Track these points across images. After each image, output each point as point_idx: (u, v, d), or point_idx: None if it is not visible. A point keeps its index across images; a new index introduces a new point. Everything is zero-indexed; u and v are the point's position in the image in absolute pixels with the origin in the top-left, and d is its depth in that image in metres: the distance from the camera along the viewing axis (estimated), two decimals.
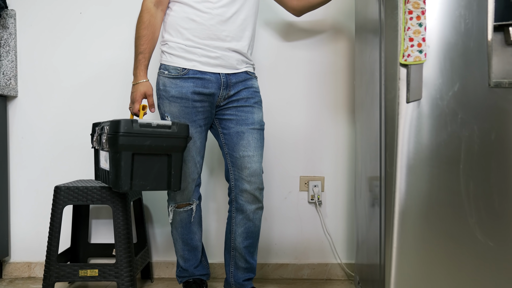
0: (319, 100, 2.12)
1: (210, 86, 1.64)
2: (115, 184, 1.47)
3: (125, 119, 1.43)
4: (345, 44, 2.12)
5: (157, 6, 1.64)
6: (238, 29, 1.67)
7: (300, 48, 2.13)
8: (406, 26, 1.25)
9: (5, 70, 2.10)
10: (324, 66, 2.13)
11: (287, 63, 2.13)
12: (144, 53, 1.63)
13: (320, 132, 2.12)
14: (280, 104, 2.13)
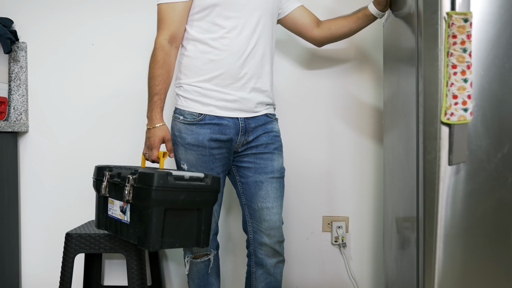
0: (343, 134, 2.00)
1: (227, 132, 1.53)
2: (142, 242, 1.36)
3: (159, 171, 1.31)
4: (371, 75, 1.99)
5: (171, 43, 1.53)
6: (258, 65, 1.56)
7: (323, 78, 2.01)
8: (449, 82, 1.13)
9: (16, 104, 2.02)
10: (349, 99, 2.00)
11: (309, 95, 2.01)
12: (160, 94, 1.51)
13: (344, 169, 2.00)
14: (302, 138, 2.01)
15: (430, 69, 1.18)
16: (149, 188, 1.28)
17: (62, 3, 2.02)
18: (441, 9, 1.16)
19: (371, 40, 1.97)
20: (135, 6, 2.02)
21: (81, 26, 2.03)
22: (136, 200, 1.34)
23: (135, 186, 1.33)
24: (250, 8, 1.53)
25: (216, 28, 1.51)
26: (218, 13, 1.50)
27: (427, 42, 1.18)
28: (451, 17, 1.12)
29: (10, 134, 1.95)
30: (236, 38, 1.51)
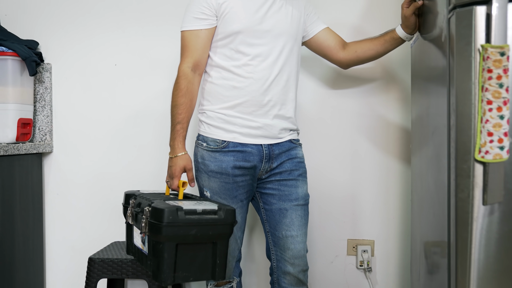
0: (368, 155, 1.95)
1: (251, 159, 1.50)
2: (156, 276, 1.35)
3: (169, 206, 1.30)
4: (398, 95, 1.93)
5: (194, 70, 1.52)
6: (282, 92, 1.53)
7: (348, 98, 1.96)
8: (484, 118, 1.07)
9: (40, 125, 2.05)
10: (374, 119, 1.95)
11: (333, 115, 1.97)
12: (182, 123, 1.50)
13: (370, 191, 1.95)
14: (326, 158, 1.97)
15: (463, 102, 1.12)
16: (159, 224, 1.28)
17: (86, 25, 2.03)
18: (475, 41, 1.10)
19: (398, 60, 1.91)
20: (158, 28, 2.01)
21: (105, 47, 2.03)
22: (150, 234, 1.33)
23: (149, 220, 1.32)
24: (274, 34, 1.50)
25: (240, 55, 1.49)
26: (241, 40, 1.48)
27: (460, 75, 1.12)
28: (486, 50, 1.06)
29: (35, 155, 1.97)
30: (259, 65, 1.49)
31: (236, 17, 1.48)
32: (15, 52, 1.87)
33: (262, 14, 1.50)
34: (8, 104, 1.88)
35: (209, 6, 1.48)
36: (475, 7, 1.10)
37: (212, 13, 1.49)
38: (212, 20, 1.50)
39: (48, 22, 2.05)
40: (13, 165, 1.82)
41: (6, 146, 1.74)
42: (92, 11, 2.03)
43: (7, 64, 1.88)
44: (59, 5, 2.04)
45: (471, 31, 1.10)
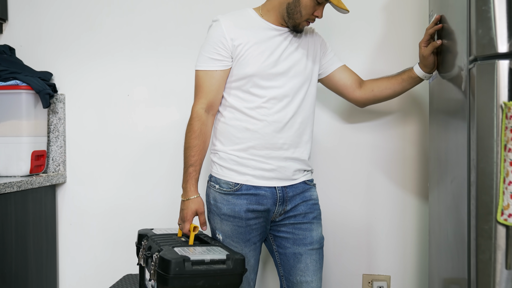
0: (384, 189, 1.90)
1: (265, 202, 1.47)
2: None
3: (176, 257, 1.28)
4: (415, 128, 1.88)
5: (208, 111, 1.50)
6: (296, 135, 1.50)
7: (364, 131, 1.92)
8: (507, 179, 1.02)
9: (54, 155, 2.05)
10: (390, 152, 1.90)
11: (348, 147, 1.93)
12: (195, 165, 1.48)
13: (386, 225, 1.90)
14: (341, 191, 1.93)
15: (485, 160, 1.07)
16: (166, 276, 1.26)
17: (99, 56, 2.03)
18: (498, 97, 1.05)
19: (416, 94, 1.86)
20: (171, 59, 2.00)
21: (118, 77, 2.03)
22: (157, 284, 1.32)
23: (157, 270, 1.30)
24: (289, 76, 1.48)
25: (253, 97, 1.47)
26: (255, 83, 1.46)
27: (481, 131, 1.08)
28: (509, 109, 1.01)
29: (48, 187, 1.98)
30: (273, 107, 1.46)
31: (250, 60, 1.45)
32: (29, 85, 1.87)
33: (277, 57, 1.47)
34: (22, 137, 1.89)
35: (225, 47, 1.46)
36: (498, 61, 1.05)
37: (228, 55, 1.47)
38: (228, 61, 1.47)
39: (61, 53, 2.05)
40: (27, 199, 1.83)
41: (19, 182, 1.74)
42: (105, 41, 2.03)
43: (21, 98, 1.88)
44: (73, 36, 2.04)
45: (493, 87, 1.05)
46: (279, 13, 1.50)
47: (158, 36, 2.00)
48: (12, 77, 1.89)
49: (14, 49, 2.05)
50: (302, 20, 1.47)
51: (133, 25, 2.01)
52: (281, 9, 1.49)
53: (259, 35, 1.48)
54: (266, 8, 1.53)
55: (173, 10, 2.00)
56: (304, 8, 1.44)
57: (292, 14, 1.46)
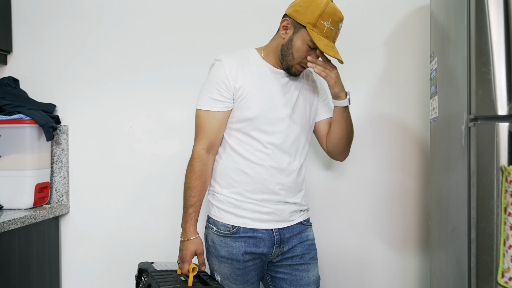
0: (385, 224, 1.91)
1: (262, 245, 1.48)
2: None
3: None
4: (416, 162, 1.89)
5: (208, 151, 1.50)
6: (293, 180, 1.51)
7: (365, 166, 1.92)
8: (507, 242, 1.03)
9: (57, 186, 2.06)
10: (392, 186, 1.91)
11: (349, 181, 1.93)
12: (195, 206, 1.49)
13: (387, 259, 1.91)
14: (341, 225, 1.93)
15: (485, 220, 1.08)
16: None
17: (102, 87, 2.04)
18: (498, 159, 1.06)
19: (417, 132, 1.87)
20: (172, 88, 2.01)
21: (120, 109, 2.04)
22: None
23: None
24: (290, 121, 1.49)
25: (253, 141, 1.47)
26: (256, 126, 1.46)
27: (481, 191, 1.09)
28: (509, 173, 1.02)
29: (52, 218, 1.99)
30: (272, 153, 1.47)
31: (252, 103, 1.46)
32: (33, 119, 1.88)
33: (278, 101, 1.48)
34: (26, 171, 1.90)
35: (227, 88, 1.46)
36: (498, 123, 1.06)
37: (230, 96, 1.47)
38: (229, 103, 1.48)
39: (64, 84, 2.06)
40: (31, 232, 1.84)
41: (23, 218, 1.75)
42: (107, 74, 2.04)
43: (25, 132, 1.90)
44: (76, 68, 2.06)
45: (494, 149, 1.07)
46: (276, 55, 1.50)
47: (159, 69, 2.02)
48: (16, 111, 1.90)
49: (18, 80, 2.07)
50: (294, 63, 1.46)
51: (135, 58, 2.03)
52: (277, 51, 1.50)
53: (261, 78, 1.49)
54: (267, 49, 1.54)
55: (174, 43, 2.01)
56: (296, 50, 1.44)
57: (285, 56, 1.46)
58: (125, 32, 2.03)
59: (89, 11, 2.05)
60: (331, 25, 1.39)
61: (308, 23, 1.40)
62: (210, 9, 1.99)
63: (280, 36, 1.49)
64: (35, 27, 2.07)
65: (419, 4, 1.88)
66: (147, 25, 2.02)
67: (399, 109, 1.89)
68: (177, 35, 2.01)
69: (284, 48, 1.46)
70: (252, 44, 1.87)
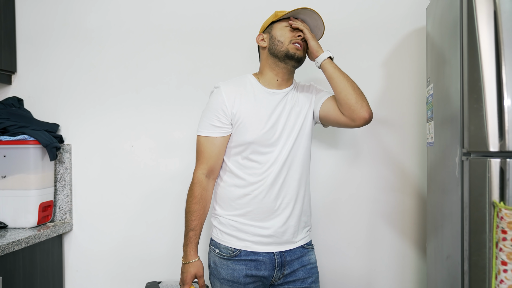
0: (383, 243, 1.93)
1: (263, 268, 1.51)
2: None
3: None
4: (414, 181, 1.91)
5: (208, 176, 1.55)
6: (294, 192, 1.54)
7: (363, 185, 1.95)
8: (498, 277, 1.05)
9: (61, 204, 2.10)
10: (390, 205, 1.93)
11: (349, 201, 1.95)
12: (195, 229, 1.53)
13: (385, 277, 1.93)
14: (340, 244, 1.96)
15: (477, 253, 1.11)
16: None
17: (104, 106, 2.08)
18: (490, 194, 1.08)
19: (414, 151, 1.89)
20: (173, 108, 2.04)
21: (122, 128, 2.07)
22: None
23: None
24: (288, 139, 1.52)
25: (252, 163, 1.51)
26: (254, 149, 1.50)
27: (474, 225, 1.11)
28: (500, 209, 1.04)
29: (56, 237, 2.02)
30: (272, 172, 1.50)
31: (249, 128, 1.50)
32: (37, 140, 1.92)
33: (275, 122, 1.51)
34: (30, 190, 1.93)
35: (225, 114, 1.51)
36: (490, 159, 1.08)
37: (228, 122, 1.52)
38: (228, 128, 1.52)
39: (68, 104, 2.10)
40: (35, 252, 1.88)
41: (27, 238, 1.79)
42: (109, 93, 2.07)
43: (29, 153, 1.93)
44: (79, 88, 2.09)
45: (485, 184, 1.09)
46: (270, 69, 1.56)
47: (161, 89, 2.05)
48: (20, 132, 1.93)
49: (23, 100, 2.11)
50: (286, 45, 1.52)
51: (136, 78, 2.06)
52: (269, 61, 1.56)
53: (258, 101, 1.53)
54: (260, 72, 1.60)
55: (175, 62, 2.04)
56: (280, 36, 1.54)
57: (276, 49, 1.53)
58: (127, 53, 2.06)
59: (91, 32, 2.08)
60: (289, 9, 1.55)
61: (273, 19, 1.57)
62: (210, 28, 2.02)
63: (262, 49, 1.60)
64: (39, 47, 2.11)
65: (417, 26, 1.91)
66: (149, 45, 2.05)
67: (397, 130, 1.92)
68: (177, 55, 2.04)
69: (271, 47, 1.55)
70: (251, 64, 1.92)
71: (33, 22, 2.11)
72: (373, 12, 1.93)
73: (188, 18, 2.03)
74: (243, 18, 2.00)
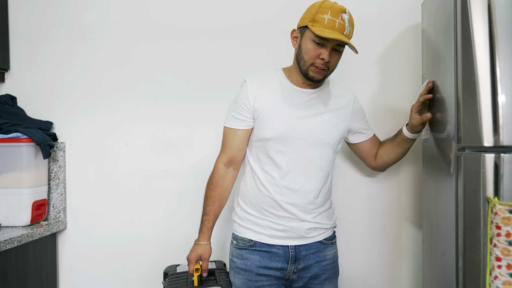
0: (379, 241, 1.92)
1: (277, 260, 1.51)
2: None
3: None
4: (410, 178, 1.90)
5: (228, 165, 1.57)
6: (311, 202, 1.52)
7: (359, 182, 1.94)
8: (493, 273, 1.04)
9: (54, 203, 2.08)
10: (386, 202, 1.92)
11: (343, 199, 1.94)
12: (209, 214, 1.55)
13: (381, 276, 1.92)
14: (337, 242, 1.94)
15: (471, 249, 1.10)
16: None
17: (98, 104, 2.06)
18: (484, 190, 1.07)
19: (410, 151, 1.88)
20: (168, 106, 2.03)
21: (117, 126, 2.05)
22: None
23: None
24: (308, 142, 1.50)
25: (269, 160, 1.51)
26: (272, 146, 1.50)
27: (468, 221, 1.10)
28: (494, 205, 1.03)
29: (49, 235, 2.01)
30: (286, 173, 1.49)
31: (269, 123, 1.49)
32: (30, 138, 1.90)
33: (297, 121, 1.49)
34: (23, 189, 1.92)
35: (247, 108, 1.52)
36: (484, 154, 1.07)
37: (250, 116, 1.52)
38: (250, 122, 1.53)
39: (62, 102, 2.08)
40: (28, 250, 1.86)
41: (20, 237, 1.77)
42: (104, 91, 2.06)
43: (22, 150, 1.91)
44: (73, 85, 2.07)
45: (480, 179, 1.08)
46: (296, 71, 1.52)
47: (155, 87, 2.03)
48: (13, 130, 1.92)
49: (16, 97, 2.09)
50: (307, 66, 1.45)
51: (131, 76, 2.04)
52: (295, 64, 1.52)
53: (283, 98, 1.51)
54: (290, 68, 1.57)
55: (169, 61, 2.02)
56: (305, 52, 1.45)
57: (299, 62, 1.48)
58: (121, 50, 2.05)
59: (85, 29, 2.07)
60: (331, 16, 1.39)
61: (309, 22, 1.42)
62: (204, 28, 2.01)
63: (293, 48, 1.54)
64: (33, 45, 2.09)
65: (412, 22, 1.90)
66: (143, 43, 2.04)
67: (393, 127, 1.90)
68: (172, 53, 2.02)
69: (298, 55, 1.49)
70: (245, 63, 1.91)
71: (27, 19, 2.09)
72: (369, 8, 1.92)
73: (183, 16, 2.02)
74: (240, 20, 1.99)
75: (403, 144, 1.61)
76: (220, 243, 1.97)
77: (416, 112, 1.50)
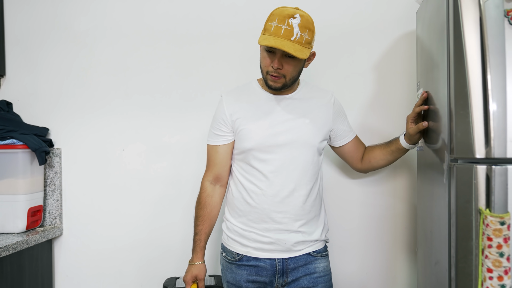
0: (374, 247, 1.93)
1: (264, 274, 1.51)
2: None
3: None
4: (405, 184, 1.91)
5: (214, 183, 1.58)
6: (301, 208, 1.49)
7: (354, 188, 1.94)
8: (484, 284, 1.04)
9: (50, 209, 2.08)
10: (381, 209, 1.93)
11: (338, 205, 1.95)
12: (200, 234, 1.57)
13: (375, 285, 1.92)
14: (330, 248, 1.94)
15: (463, 260, 1.10)
16: None
17: (94, 110, 2.06)
18: (476, 201, 1.08)
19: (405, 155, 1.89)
20: (164, 113, 2.03)
21: (112, 132, 2.06)
22: None
23: None
24: (289, 148, 1.48)
25: (253, 170, 1.51)
26: (254, 156, 1.49)
27: (460, 232, 1.10)
28: (486, 216, 1.04)
29: (45, 242, 2.01)
30: (271, 181, 1.48)
31: (248, 134, 1.49)
32: (26, 144, 1.90)
33: (276, 128, 1.48)
34: (18, 195, 1.92)
35: (225, 123, 1.53)
36: (476, 166, 1.08)
37: (228, 130, 1.53)
38: (229, 136, 1.54)
39: (57, 108, 2.08)
40: (23, 257, 1.86)
41: (15, 244, 1.77)
42: (100, 97, 2.06)
43: (17, 157, 1.91)
44: (69, 92, 2.07)
45: (472, 190, 1.08)
46: None
47: (151, 94, 2.03)
48: (9, 136, 1.92)
49: (12, 103, 2.09)
50: (264, 74, 1.46)
51: (127, 82, 2.04)
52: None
53: (259, 108, 1.51)
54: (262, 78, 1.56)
55: (165, 68, 2.03)
56: (261, 61, 1.47)
57: (261, 71, 1.49)
58: (118, 56, 2.05)
59: (82, 35, 2.07)
60: (277, 23, 1.36)
61: (262, 31, 1.42)
62: (201, 35, 2.01)
63: None
64: (28, 50, 2.09)
65: (407, 29, 1.90)
66: (139, 49, 2.04)
67: (388, 133, 1.91)
68: (168, 60, 2.03)
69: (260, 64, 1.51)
70: (239, 69, 1.91)
71: (23, 25, 2.09)
72: (364, 16, 1.93)
73: (180, 22, 2.02)
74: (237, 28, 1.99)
75: (397, 153, 1.61)
76: (216, 252, 1.97)
77: (411, 122, 1.50)
